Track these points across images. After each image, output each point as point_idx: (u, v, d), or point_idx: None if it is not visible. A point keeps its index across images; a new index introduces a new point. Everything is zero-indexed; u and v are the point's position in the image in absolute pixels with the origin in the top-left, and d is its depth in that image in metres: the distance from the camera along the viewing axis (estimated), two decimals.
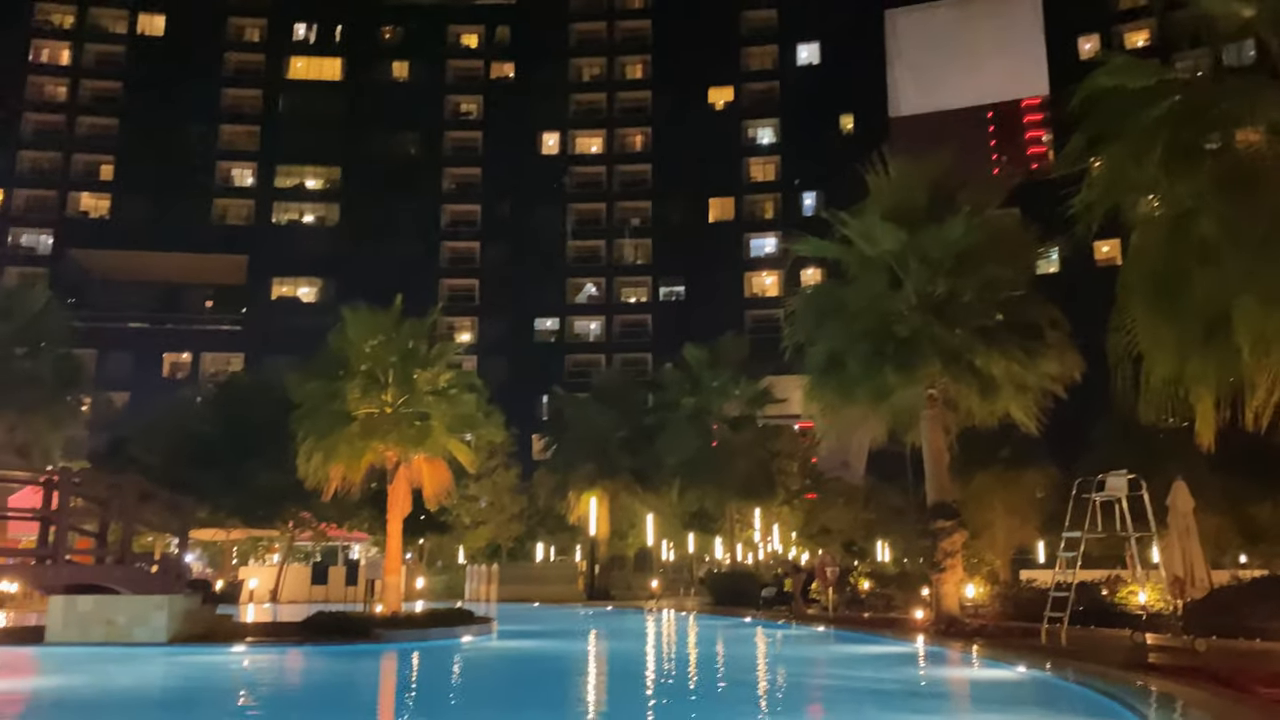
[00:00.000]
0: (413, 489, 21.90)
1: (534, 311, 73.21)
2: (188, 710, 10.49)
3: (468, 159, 75.74)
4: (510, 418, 38.88)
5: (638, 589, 39.74)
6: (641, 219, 75.58)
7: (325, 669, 14.49)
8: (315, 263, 71.78)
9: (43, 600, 23.96)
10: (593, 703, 11.12)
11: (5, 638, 18.71)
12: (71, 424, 37.33)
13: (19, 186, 70.73)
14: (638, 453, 38.87)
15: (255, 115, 74.66)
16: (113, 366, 64.25)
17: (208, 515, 33.35)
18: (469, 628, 19.21)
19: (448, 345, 23.93)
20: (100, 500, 18.46)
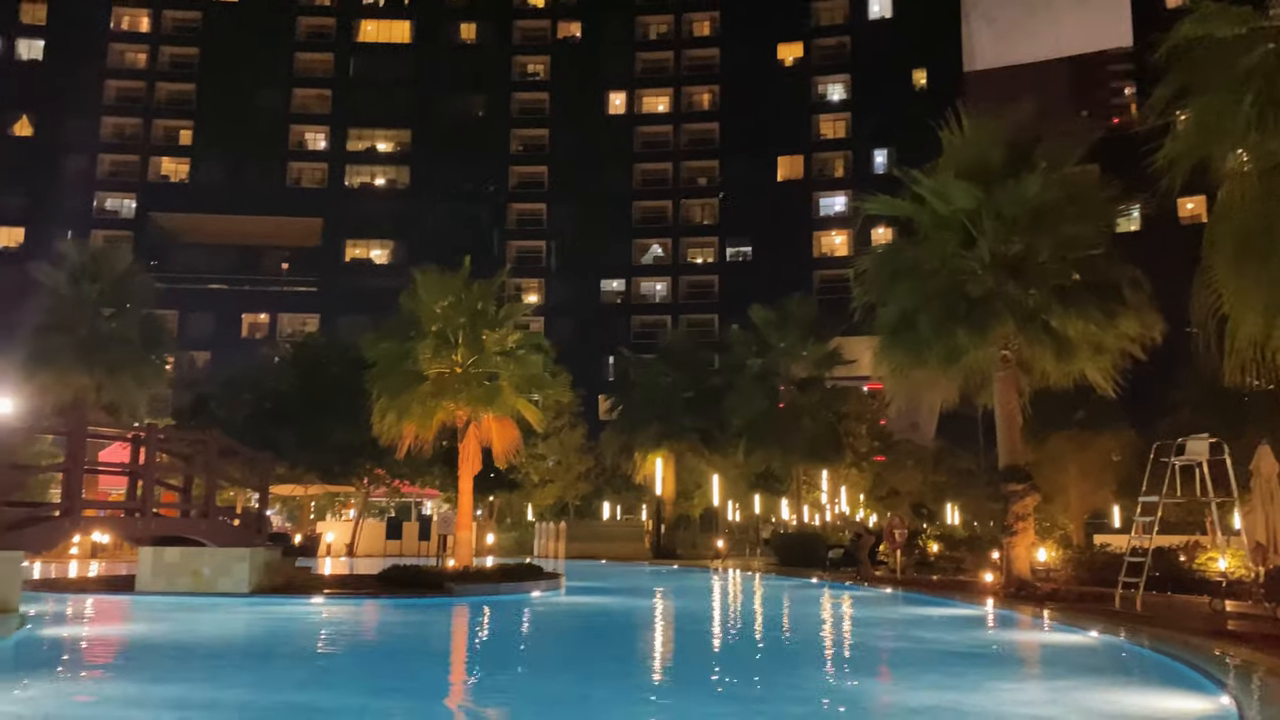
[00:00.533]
0: (482, 447, 22.25)
1: (600, 273, 73.37)
2: (270, 657, 10.90)
3: (535, 120, 75.80)
4: (577, 378, 39.26)
5: (703, 548, 39.98)
6: (708, 178, 74.99)
7: (401, 621, 14.91)
8: (386, 225, 72.83)
9: (132, 551, 25.01)
10: (660, 657, 11.28)
11: (99, 586, 19.64)
12: (156, 382, 38.61)
13: (103, 152, 72.82)
14: (703, 414, 38.91)
15: (327, 79, 75.63)
16: (194, 327, 66.30)
17: (286, 471, 34.31)
18: (538, 583, 19.57)
19: (515, 306, 24.15)
20: (184, 456, 19.14)
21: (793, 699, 7.76)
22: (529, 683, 8.97)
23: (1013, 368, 18.44)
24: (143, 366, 36.53)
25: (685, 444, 39.37)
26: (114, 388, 35.35)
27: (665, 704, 7.80)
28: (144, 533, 17.09)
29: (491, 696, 8.23)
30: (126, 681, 8.65)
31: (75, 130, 71.10)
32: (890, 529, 25.23)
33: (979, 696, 7.81)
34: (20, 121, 72.19)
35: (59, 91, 70.62)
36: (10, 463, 17.77)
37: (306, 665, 10.07)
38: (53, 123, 71.42)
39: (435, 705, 7.81)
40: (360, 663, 10.63)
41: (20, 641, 10.78)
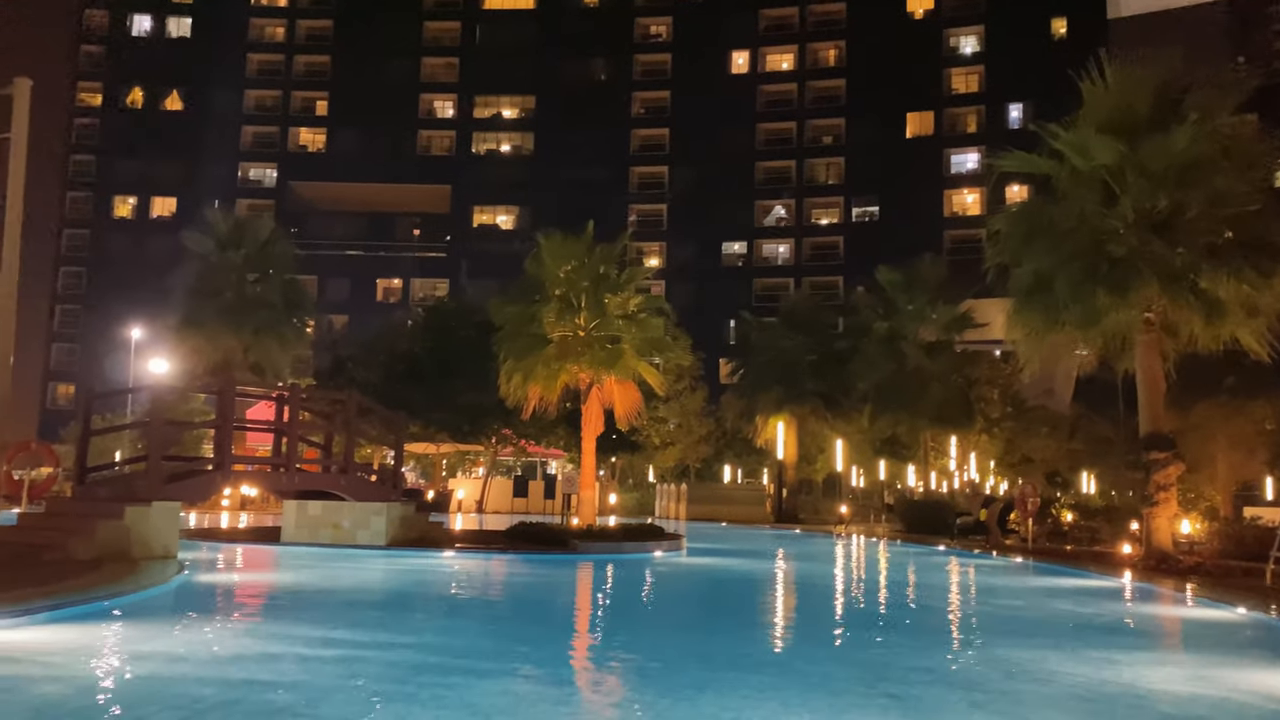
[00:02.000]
0: (605, 409, 22.56)
1: (722, 235, 72.97)
2: (406, 607, 11.40)
3: (656, 82, 75.55)
4: (698, 342, 39.24)
5: (826, 513, 39.66)
6: (833, 137, 73.39)
7: (529, 575, 15.36)
8: (512, 190, 74.12)
9: (278, 504, 26.43)
10: (783, 620, 11.30)
11: (248, 536, 20.87)
12: (298, 344, 40.44)
13: (246, 124, 76.25)
14: (827, 377, 38.39)
15: (454, 47, 77.09)
16: (333, 291, 69.13)
17: (419, 430, 35.59)
18: (660, 543, 19.81)
19: (637, 270, 24.26)
20: (325, 414, 20.06)
21: (918, 666, 7.67)
22: (652, 639, 9.13)
23: (1156, 331, 17.54)
24: (285, 329, 38.30)
25: (808, 408, 38.97)
26: (259, 349, 37.20)
27: (787, 666, 7.82)
28: (288, 487, 18.03)
29: (615, 652, 8.42)
30: (275, 625, 9.20)
31: (221, 103, 74.68)
32: (1022, 497, 24.47)
33: (1117, 671, 7.55)
34: (171, 96, 76.23)
35: (205, 67, 74.17)
36: (168, 420, 19.01)
37: (440, 615, 10.49)
38: (200, 97, 75.15)
39: (561, 656, 8.03)
40: (491, 614, 11.01)
41: (179, 586, 11.57)
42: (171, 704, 5.55)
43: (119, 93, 76.03)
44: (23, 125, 15.00)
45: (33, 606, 8.60)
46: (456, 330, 37.44)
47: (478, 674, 6.71)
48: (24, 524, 15.57)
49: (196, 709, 5.42)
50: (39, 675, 6.16)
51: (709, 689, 6.40)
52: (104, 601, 9.46)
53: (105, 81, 76.07)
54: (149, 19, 77.27)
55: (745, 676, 6.97)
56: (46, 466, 26.32)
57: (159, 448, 15.27)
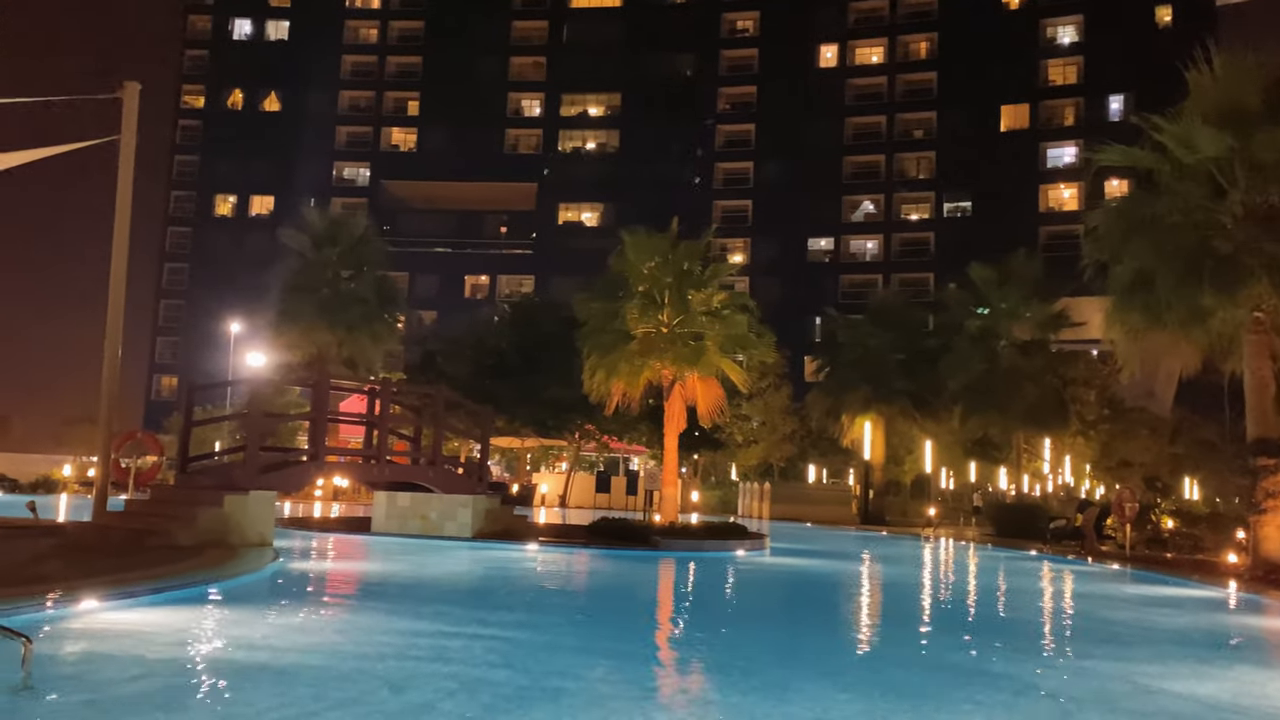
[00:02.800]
0: (687, 406, 22.54)
1: (808, 231, 72.24)
2: (492, 597, 11.56)
3: (743, 78, 75.15)
4: (782, 339, 38.82)
5: (913, 515, 38.94)
6: (924, 131, 71.98)
7: (611, 570, 15.43)
8: (597, 187, 74.55)
9: (368, 495, 27.07)
10: (867, 621, 11.13)
11: (340, 526, 21.45)
12: (389, 339, 41.39)
13: (340, 124, 78.30)
14: (916, 376, 37.69)
15: (542, 46, 77.86)
16: (422, 287, 70.56)
17: (504, 424, 36.08)
18: (743, 542, 19.70)
19: (721, 266, 24.18)
20: (414, 408, 20.46)
21: (1006, 673, 7.47)
22: (734, 638, 9.08)
23: (1266, 331, 16.74)
24: (377, 324, 39.22)
25: (896, 407, 38.31)
26: (352, 344, 38.16)
27: (872, 669, 7.69)
28: (379, 478, 18.46)
29: (697, 650, 8.39)
30: (364, 612, 9.42)
31: (316, 104, 76.84)
32: (1120, 502, 23.62)
33: (1219, 686, 7.23)
34: (269, 98, 78.69)
35: (302, 68, 76.38)
36: (265, 412, 19.63)
37: (524, 607, 10.60)
38: (297, 98, 77.41)
39: (643, 653, 8.04)
40: (573, 608, 11.09)
41: (274, 573, 11.93)
42: (263, 685, 5.71)
43: (221, 95, 78.83)
44: (131, 127, 15.61)
45: (137, 589, 8.96)
46: (541, 326, 37.85)
47: (560, 667, 6.75)
48: (130, 510, 16.28)
49: (287, 690, 5.58)
50: (142, 654, 6.41)
51: (792, 689, 6.33)
52: (204, 586, 9.81)
53: (208, 84, 78.94)
54: (249, 23, 79.91)
55: (829, 678, 6.88)
56: (151, 455, 27.39)
57: (256, 439, 15.78)
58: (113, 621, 7.66)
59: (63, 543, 13.32)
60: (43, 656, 5.63)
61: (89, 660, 6.21)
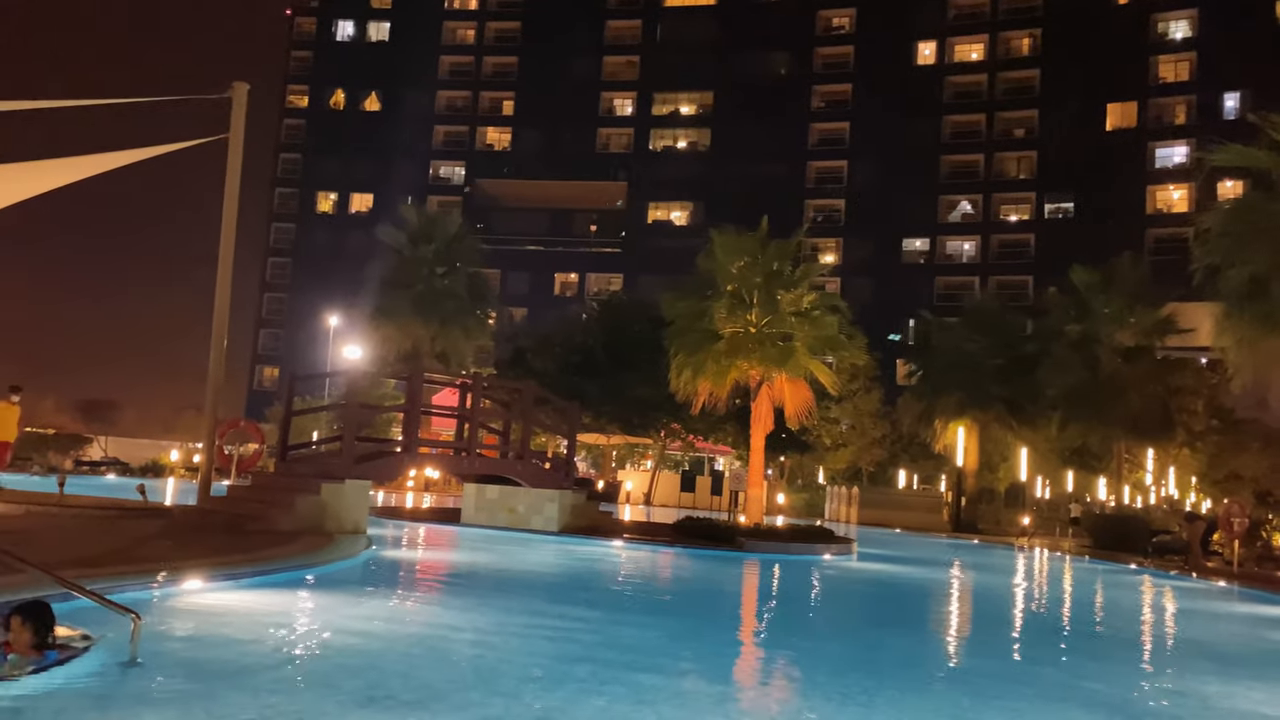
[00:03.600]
0: (775, 407, 22.35)
1: (902, 231, 70.93)
2: (579, 592, 11.65)
3: (838, 75, 74.19)
4: (874, 341, 38.29)
5: (1007, 524, 37.93)
6: (1026, 130, 70.00)
7: (695, 569, 15.41)
8: (687, 186, 74.49)
9: (458, 486, 27.56)
10: (956, 632, 10.88)
11: (431, 516, 21.89)
12: (481, 335, 42.10)
13: (437, 123, 79.86)
14: (1012, 382, 36.70)
15: (635, 45, 78.12)
16: (513, 285, 71.52)
17: (591, 421, 36.33)
18: (829, 546, 19.46)
19: (811, 266, 23.92)
20: (504, 403, 20.77)
21: (1102, 689, 7.22)
22: (819, 643, 8.98)
23: None
24: (470, 320, 39.91)
25: (991, 413, 37.37)
26: (445, 339, 38.91)
27: (960, 679, 7.52)
28: (469, 470, 18.79)
29: (781, 653, 8.32)
30: (453, 601, 9.60)
31: (414, 104, 78.52)
32: (1228, 516, 22.61)
33: None
34: (370, 98, 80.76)
35: (402, 69, 78.17)
36: (361, 403, 20.15)
37: (609, 603, 10.67)
38: (396, 98, 79.25)
39: (725, 653, 8.01)
40: (657, 606, 11.12)
41: (367, 560, 12.25)
42: (356, 667, 5.87)
43: (324, 95, 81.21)
44: (239, 126, 16.18)
45: (239, 572, 9.31)
46: (629, 324, 37.99)
47: (642, 664, 6.77)
48: (232, 495, 16.90)
49: (378, 672, 5.72)
50: (243, 633, 6.65)
51: (879, 697, 6.23)
52: (301, 570, 10.13)
53: (311, 84, 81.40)
54: (352, 24, 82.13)
55: (916, 687, 6.75)
56: (253, 443, 28.49)
57: (353, 429, 16.21)
58: (216, 601, 7.96)
59: (169, 525, 13.91)
60: (150, 633, 5.88)
61: (193, 637, 6.46)
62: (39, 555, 7.52)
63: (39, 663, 4.89)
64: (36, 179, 15.45)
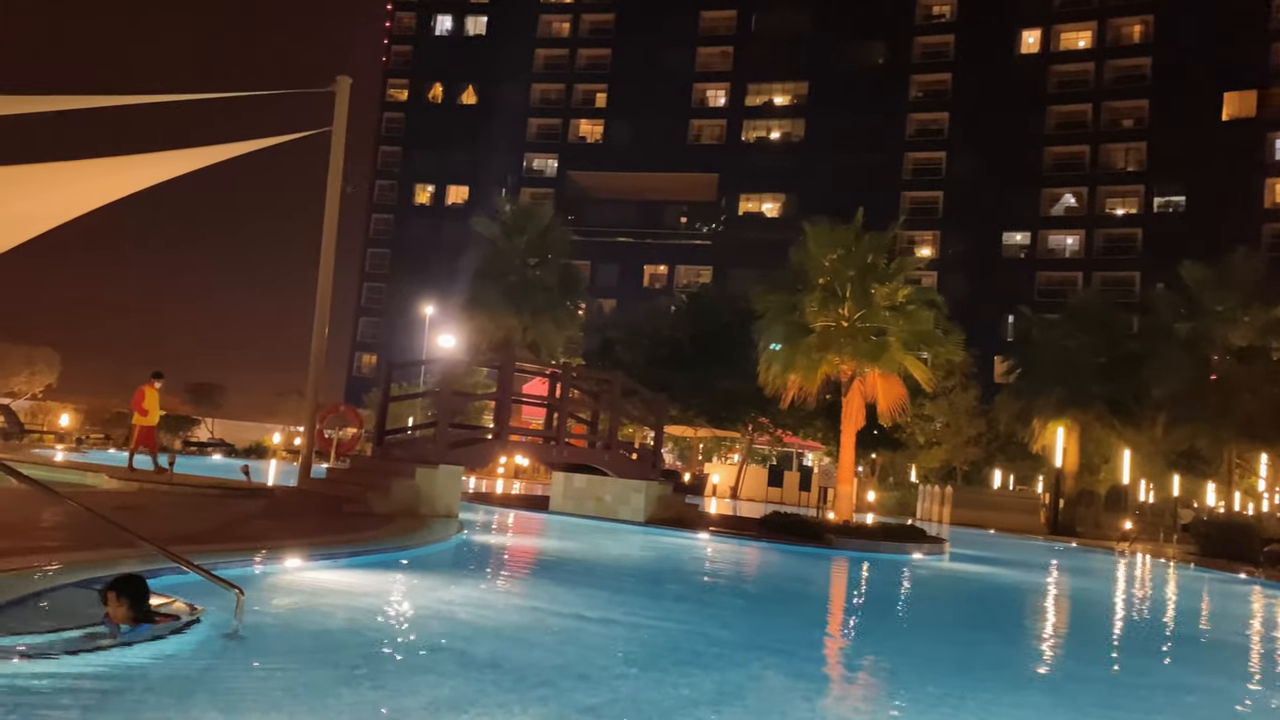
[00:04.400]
0: (866, 403, 22.04)
1: (1002, 225, 69.04)
2: (665, 583, 11.69)
3: (937, 65, 72.55)
4: (971, 337, 37.41)
5: (1107, 528, 36.68)
6: (1135, 120, 67.38)
7: (782, 565, 15.31)
8: (779, 178, 73.83)
9: (546, 474, 27.88)
10: (1050, 637, 10.58)
11: (520, 503, 22.22)
12: (571, 326, 42.56)
13: (532, 116, 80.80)
14: (1116, 381, 35.46)
15: (729, 36, 77.66)
16: (603, 276, 71.98)
17: (678, 413, 36.40)
18: (920, 545, 19.12)
19: (907, 260, 23.48)
20: (592, 393, 20.93)
21: (1208, 703, 6.92)
22: (908, 642, 8.83)
23: None
24: (560, 311, 40.36)
25: (1092, 413, 36.18)
26: (536, 329, 39.43)
27: (1053, 685, 7.31)
28: (557, 459, 19.00)
29: (869, 651, 8.21)
30: (541, 587, 9.73)
31: (509, 97, 79.57)
32: None
33: None
34: (466, 91, 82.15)
35: (497, 62, 79.29)
36: (455, 391, 20.54)
37: (695, 595, 10.68)
38: (492, 91, 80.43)
39: (813, 650, 7.94)
40: (742, 600, 11.08)
41: (459, 544, 12.50)
42: (445, 648, 6.00)
43: (422, 88, 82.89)
44: (342, 120, 16.64)
45: (337, 552, 9.60)
46: (718, 317, 37.89)
47: (728, 657, 6.76)
48: (332, 478, 17.43)
49: (468, 653, 5.84)
50: (340, 610, 6.86)
51: (969, 699, 6.10)
52: (396, 552, 10.40)
53: (411, 78, 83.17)
54: (449, 19, 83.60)
55: (1007, 691, 6.58)
56: (352, 427, 29.34)
57: (447, 416, 16.55)
58: (314, 579, 8.23)
59: (271, 505, 14.42)
60: (253, 607, 6.11)
61: (293, 613, 6.69)
62: (151, 531, 7.89)
63: (137, 632, 5.13)
64: (149, 171, 16.13)
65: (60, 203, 15.22)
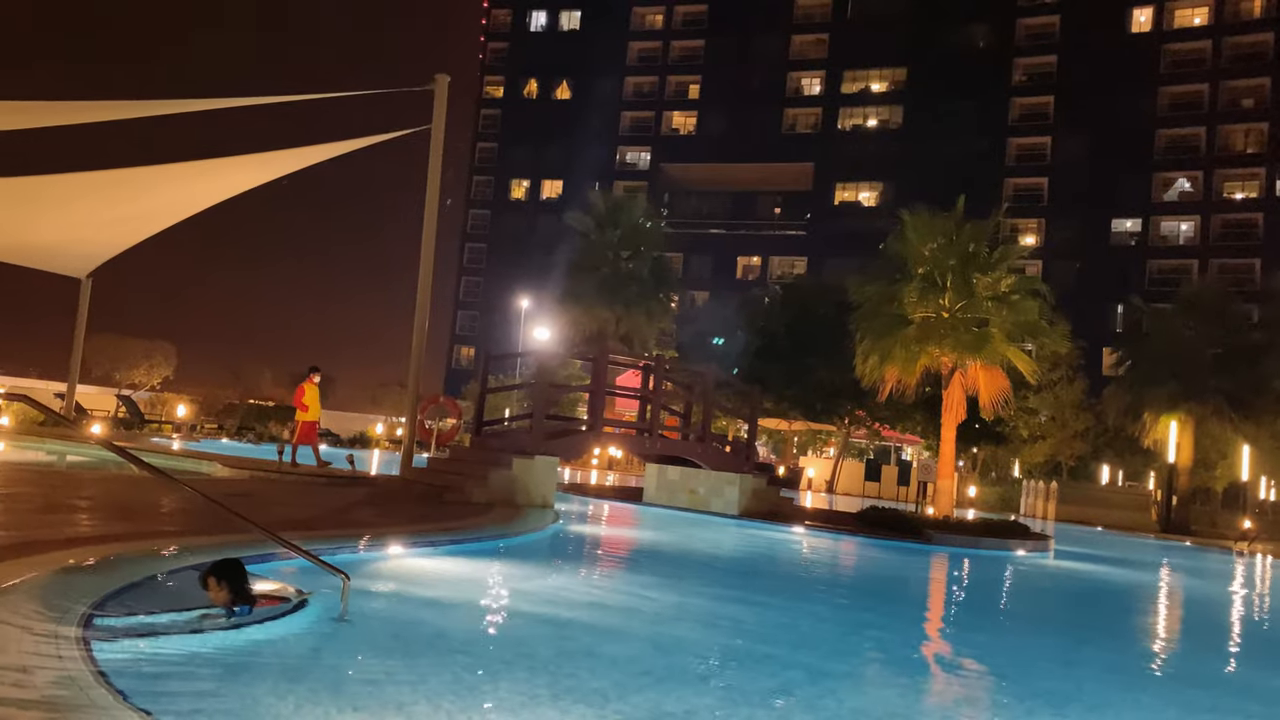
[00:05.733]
0: (968, 396, 21.53)
1: (1111, 211, 66.52)
2: (760, 577, 11.65)
3: (1042, 47, 70.23)
4: (1077, 328, 36.18)
5: (1224, 527, 35.08)
6: (1255, 99, 64.09)
7: (880, 560, 15.08)
8: (876, 166, 72.57)
9: (639, 466, 28.00)
10: (1160, 638, 10.18)
11: (613, 494, 22.38)
12: (663, 318, 42.67)
13: (625, 109, 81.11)
14: (1234, 374, 33.84)
15: (825, 23, 76.60)
16: (695, 268, 71.90)
17: (772, 405, 36.13)
18: (1024, 542, 18.60)
19: (1010, 248, 22.85)
20: (685, 385, 20.96)
21: None
22: (1011, 641, 8.61)
23: None
24: (653, 303, 40.48)
25: (1208, 407, 34.60)
26: (629, 321, 39.65)
27: (1164, 688, 7.03)
28: (650, 451, 19.08)
29: (970, 649, 8.03)
30: (637, 577, 9.79)
31: (602, 90, 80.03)
32: None
33: None
34: (561, 86, 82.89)
35: (591, 56, 79.78)
36: (550, 382, 20.81)
37: (791, 589, 10.61)
38: (585, 85, 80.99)
39: (911, 646, 7.81)
40: (841, 595, 10.95)
41: (554, 533, 12.67)
42: (542, 635, 6.09)
43: (518, 84, 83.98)
44: (441, 117, 16.99)
45: (438, 539, 9.83)
46: (813, 308, 37.47)
47: (823, 651, 6.70)
48: (432, 467, 17.85)
49: (566, 641, 5.91)
50: (442, 597, 7.03)
51: (1074, 702, 5.91)
52: (494, 541, 10.60)
53: (506, 74, 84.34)
54: (544, 14, 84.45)
55: (1116, 693, 6.36)
56: (451, 418, 29.99)
57: (542, 407, 16.79)
58: (416, 566, 8.44)
59: (374, 493, 14.85)
60: (358, 593, 6.31)
61: (398, 599, 6.88)
62: (261, 517, 8.21)
63: (242, 615, 5.32)
64: (256, 171, 16.72)
65: (173, 202, 15.87)
